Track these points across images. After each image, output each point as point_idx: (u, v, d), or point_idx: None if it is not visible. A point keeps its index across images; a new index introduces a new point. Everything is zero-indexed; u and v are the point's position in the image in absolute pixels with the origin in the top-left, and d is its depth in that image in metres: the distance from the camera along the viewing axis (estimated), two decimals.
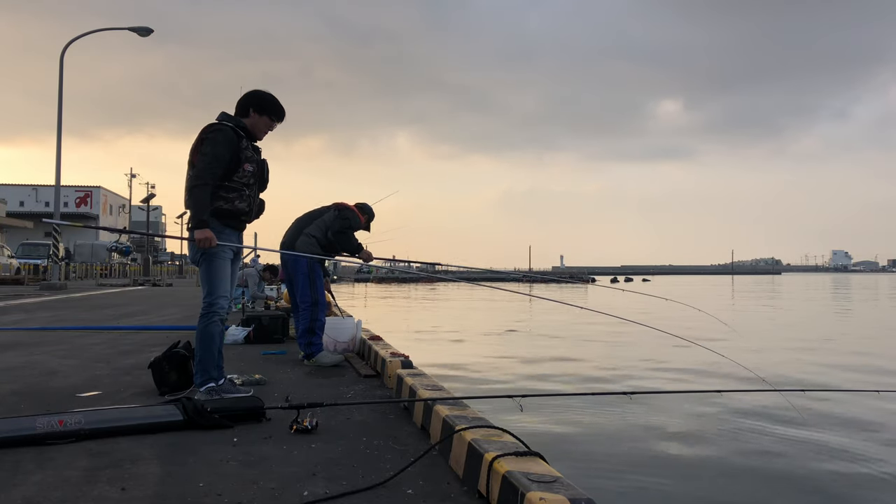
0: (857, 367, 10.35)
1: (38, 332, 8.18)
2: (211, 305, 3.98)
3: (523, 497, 2.08)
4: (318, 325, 5.59)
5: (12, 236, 38.70)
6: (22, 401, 4.05)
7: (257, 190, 4.21)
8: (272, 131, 4.25)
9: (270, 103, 4.18)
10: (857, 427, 6.08)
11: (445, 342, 13.77)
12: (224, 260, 4.03)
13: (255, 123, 4.13)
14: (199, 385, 3.96)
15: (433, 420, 3.26)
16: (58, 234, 21.47)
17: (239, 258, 4.30)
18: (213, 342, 3.97)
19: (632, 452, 5.26)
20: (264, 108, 4.14)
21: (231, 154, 3.95)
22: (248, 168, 4.03)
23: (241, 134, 4.04)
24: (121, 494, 2.45)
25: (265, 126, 4.18)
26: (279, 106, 4.21)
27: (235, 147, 3.97)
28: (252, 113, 4.12)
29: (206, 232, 3.86)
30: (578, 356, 11.22)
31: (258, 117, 4.13)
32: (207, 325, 3.98)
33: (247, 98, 4.15)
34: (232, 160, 3.96)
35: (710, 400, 6.74)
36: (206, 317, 3.99)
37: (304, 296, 5.62)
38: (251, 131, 4.13)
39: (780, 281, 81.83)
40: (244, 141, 4.04)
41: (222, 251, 4.00)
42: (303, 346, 5.65)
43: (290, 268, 5.80)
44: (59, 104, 21.08)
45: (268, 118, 4.17)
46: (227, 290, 4.04)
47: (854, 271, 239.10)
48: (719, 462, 5.03)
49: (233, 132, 4.00)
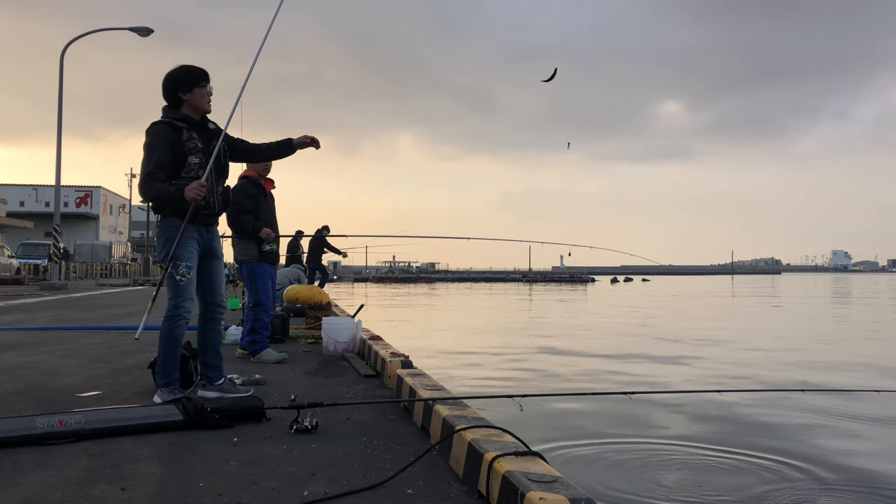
0: (858, 366, 10.35)
1: (38, 332, 8.18)
2: (176, 308, 3.90)
3: (523, 497, 2.08)
4: (259, 325, 5.84)
5: (12, 236, 38.70)
6: (22, 401, 4.06)
7: (215, 179, 3.94)
8: (212, 94, 3.96)
9: (187, 75, 3.90)
10: (860, 426, 6.08)
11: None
12: (188, 261, 3.89)
13: (191, 101, 3.88)
14: (161, 385, 3.93)
15: (433, 420, 3.26)
16: (58, 234, 21.46)
17: (217, 256, 4.12)
18: (177, 344, 3.96)
19: (632, 452, 5.26)
20: (187, 83, 3.87)
21: (172, 151, 3.76)
22: (194, 160, 3.80)
23: (179, 126, 3.82)
24: (121, 494, 2.45)
25: (201, 97, 3.90)
26: (195, 70, 3.93)
27: (174, 142, 3.77)
28: (182, 96, 3.87)
29: (193, 189, 3.70)
30: (583, 356, 11.22)
31: (190, 95, 3.87)
32: (172, 328, 3.92)
33: (166, 87, 3.89)
34: (175, 157, 3.77)
35: (711, 400, 6.74)
36: (170, 319, 3.92)
37: (248, 298, 5.99)
38: (197, 110, 3.91)
39: (780, 281, 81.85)
40: (185, 132, 3.82)
41: (186, 252, 3.87)
42: (245, 345, 5.92)
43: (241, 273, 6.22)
44: (59, 104, 21.12)
45: (197, 88, 3.88)
46: (192, 293, 3.94)
47: (854, 271, 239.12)
48: (720, 462, 5.03)
49: (167, 127, 3.80)
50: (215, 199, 3.97)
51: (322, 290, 10.23)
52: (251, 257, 5.84)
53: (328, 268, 18.02)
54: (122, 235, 57.71)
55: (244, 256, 5.87)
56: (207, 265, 4.07)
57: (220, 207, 4.03)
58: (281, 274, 10.87)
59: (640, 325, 17.38)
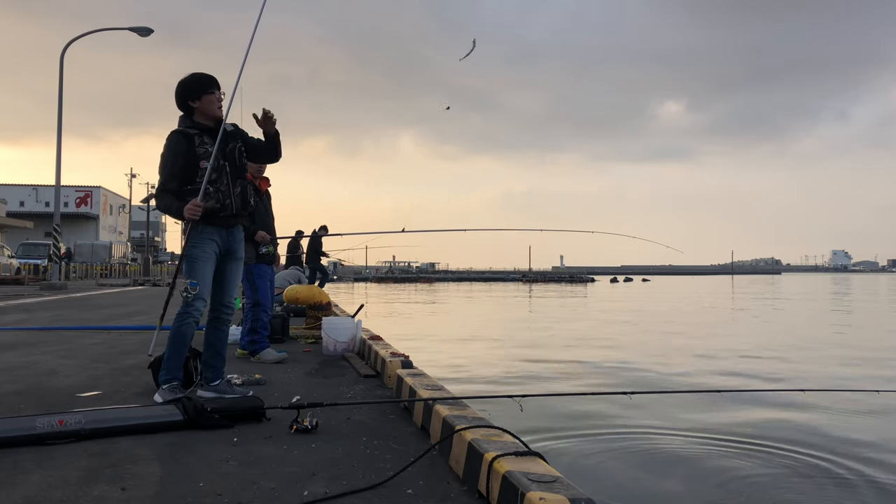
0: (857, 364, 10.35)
1: (38, 332, 8.18)
2: (188, 307, 3.95)
3: (523, 497, 2.08)
4: (259, 325, 5.90)
5: (12, 236, 38.71)
6: (22, 401, 4.06)
7: (230, 180, 4.00)
8: (222, 101, 4.03)
9: (196, 83, 4.00)
10: (862, 425, 6.08)
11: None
12: (204, 262, 3.96)
13: (201, 108, 3.99)
14: (163, 382, 3.98)
15: (433, 420, 3.26)
16: (58, 235, 21.47)
17: (236, 258, 4.18)
18: (185, 342, 4.01)
19: (632, 452, 5.26)
20: (196, 90, 3.98)
21: (184, 159, 3.89)
22: (204, 165, 3.89)
23: (190, 133, 3.93)
24: (121, 494, 2.45)
25: (211, 104, 4.00)
26: (204, 78, 4.03)
27: (185, 150, 3.89)
28: (192, 103, 3.98)
29: (188, 209, 3.83)
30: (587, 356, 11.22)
31: (199, 102, 3.98)
32: (181, 326, 3.97)
33: (177, 96, 4.01)
34: (188, 164, 3.89)
35: (711, 399, 6.74)
36: (181, 317, 3.97)
37: (247, 298, 6.04)
38: (208, 117, 4.00)
39: (783, 281, 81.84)
40: (197, 138, 3.92)
41: (202, 252, 3.95)
42: (245, 345, 5.96)
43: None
44: (60, 104, 21.12)
45: (206, 96, 3.99)
46: (204, 294, 3.99)
47: (854, 271, 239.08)
48: (720, 461, 5.03)
49: (180, 136, 3.92)
50: (232, 201, 4.02)
51: (322, 290, 10.22)
52: (249, 259, 5.87)
53: (328, 268, 18.01)
54: (122, 235, 57.72)
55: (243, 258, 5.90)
56: (225, 266, 4.13)
57: (238, 208, 4.07)
58: (281, 276, 10.88)
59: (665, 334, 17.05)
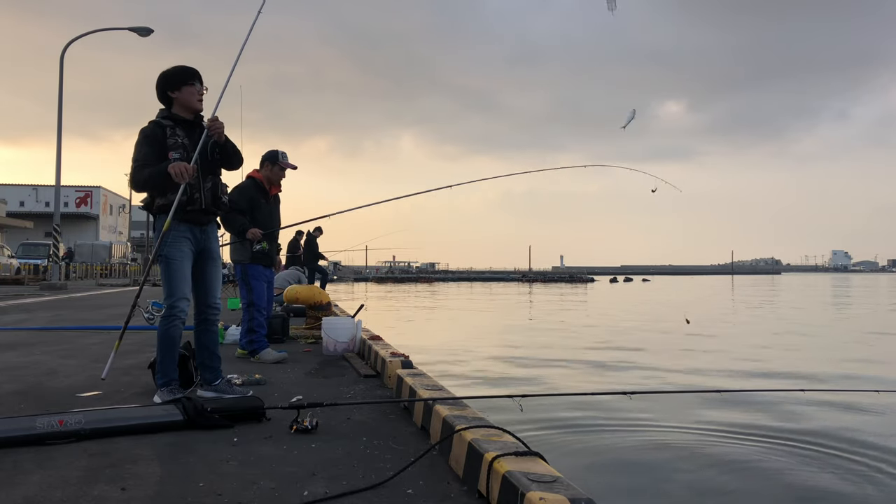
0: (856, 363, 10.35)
1: (38, 332, 8.18)
2: (171, 308, 3.89)
3: (523, 497, 2.08)
4: (255, 324, 5.90)
5: (12, 236, 38.69)
6: (22, 401, 4.06)
7: (201, 174, 3.92)
8: (203, 95, 3.99)
9: (177, 74, 3.96)
10: (862, 425, 6.08)
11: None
12: (181, 261, 3.90)
13: (180, 99, 3.94)
14: (160, 386, 3.94)
15: (433, 420, 3.26)
16: (58, 235, 21.46)
17: (212, 257, 4.08)
18: (174, 344, 3.95)
19: (632, 452, 5.26)
20: (176, 81, 3.94)
21: (157, 150, 3.82)
22: (174, 155, 3.80)
23: (164, 124, 3.89)
24: (121, 494, 2.45)
25: (191, 95, 3.95)
26: (184, 70, 3.97)
27: (157, 141, 3.83)
28: (171, 93, 3.94)
29: (174, 167, 3.70)
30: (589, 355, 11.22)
31: (179, 93, 3.93)
32: (168, 329, 3.91)
33: (157, 85, 3.97)
34: (159, 153, 3.82)
35: (711, 399, 6.74)
36: (166, 320, 3.90)
37: (242, 299, 6.06)
38: (186, 108, 3.95)
39: (784, 281, 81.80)
40: (169, 129, 3.87)
41: (178, 251, 3.89)
42: (244, 345, 5.96)
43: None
44: (60, 104, 21.10)
45: (186, 87, 3.93)
46: (186, 292, 3.93)
47: (854, 271, 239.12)
48: (720, 461, 5.03)
49: (154, 125, 3.88)
50: (202, 195, 3.93)
51: (322, 290, 10.22)
52: (244, 258, 5.88)
53: (328, 268, 18.03)
54: (122, 235, 57.68)
55: (238, 257, 5.95)
56: (202, 266, 4.05)
57: (208, 203, 3.98)
58: (281, 277, 10.88)
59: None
